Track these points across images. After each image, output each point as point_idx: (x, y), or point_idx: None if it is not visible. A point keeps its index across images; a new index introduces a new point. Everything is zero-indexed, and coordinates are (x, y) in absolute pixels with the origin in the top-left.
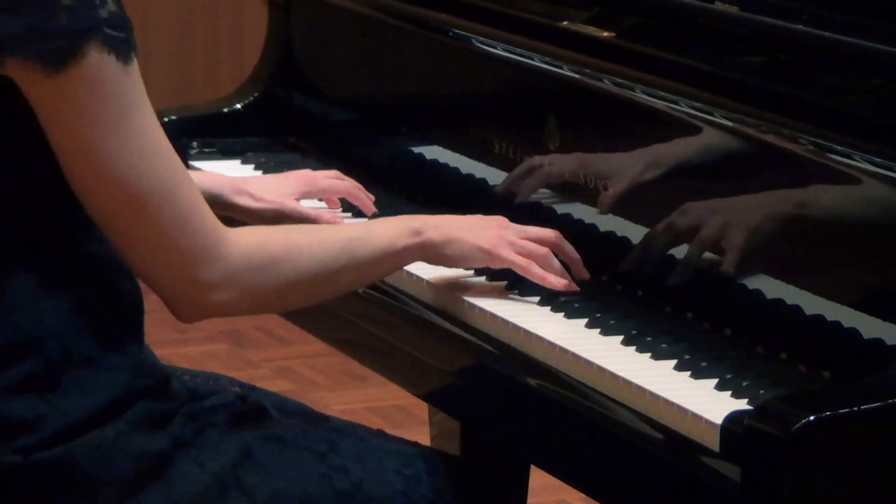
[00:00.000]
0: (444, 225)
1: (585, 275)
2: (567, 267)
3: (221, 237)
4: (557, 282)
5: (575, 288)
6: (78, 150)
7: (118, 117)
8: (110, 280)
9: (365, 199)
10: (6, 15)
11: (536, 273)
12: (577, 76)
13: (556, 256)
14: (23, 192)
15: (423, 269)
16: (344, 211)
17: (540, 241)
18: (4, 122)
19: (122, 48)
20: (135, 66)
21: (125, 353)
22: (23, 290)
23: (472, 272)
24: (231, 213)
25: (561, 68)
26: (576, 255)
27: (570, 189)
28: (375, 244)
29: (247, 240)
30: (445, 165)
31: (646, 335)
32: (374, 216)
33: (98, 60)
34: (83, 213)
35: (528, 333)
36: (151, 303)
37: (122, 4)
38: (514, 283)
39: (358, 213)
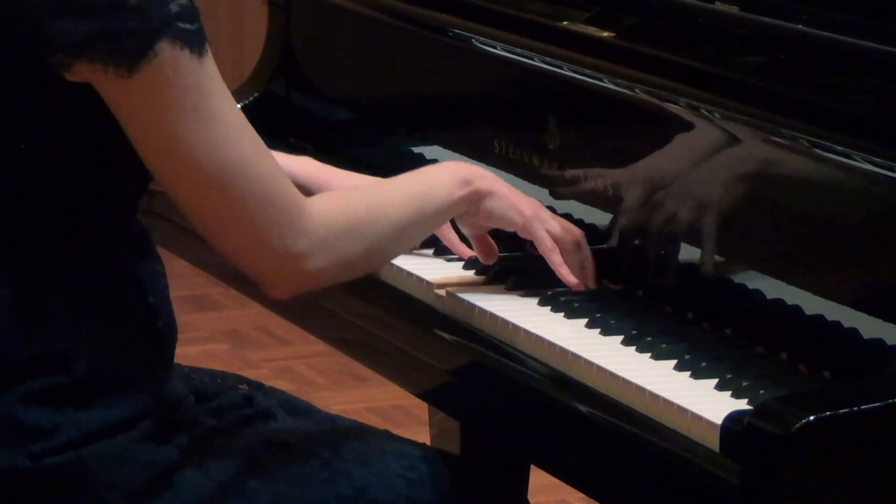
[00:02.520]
0: (488, 176)
1: (592, 283)
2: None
3: (305, 209)
4: (570, 277)
5: (581, 287)
6: (159, 140)
7: (196, 105)
8: (151, 304)
9: None
10: (75, 18)
11: (556, 260)
12: (577, 76)
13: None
14: (72, 202)
15: (423, 270)
16: None
17: (567, 232)
18: (56, 132)
19: (195, 40)
20: (208, 54)
21: (152, 380)
22: (64, 301)
23: (471, 272)
24: None
25: (561, 68)
26: (591, 260)
27: (570, 189)
28: (437, 198)
29: (329, 207)
30: None
31: (646, 335)
32: None
33: (171, 56)
34: (131, 234)
35: (528, 333)
36: None
37: None
38: (514, 284)
39: None
